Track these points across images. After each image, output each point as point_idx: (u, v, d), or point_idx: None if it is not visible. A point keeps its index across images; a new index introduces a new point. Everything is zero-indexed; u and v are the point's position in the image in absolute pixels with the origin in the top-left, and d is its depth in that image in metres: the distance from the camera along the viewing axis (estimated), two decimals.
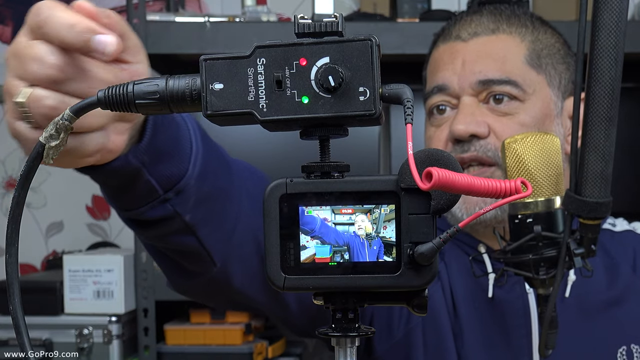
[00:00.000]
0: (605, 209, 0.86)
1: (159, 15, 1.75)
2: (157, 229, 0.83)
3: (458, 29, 1.20)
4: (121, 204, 0.80)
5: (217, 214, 0.87)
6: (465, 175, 0.53)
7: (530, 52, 1.17)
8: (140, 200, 0.78)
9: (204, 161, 0.81)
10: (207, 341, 1.81)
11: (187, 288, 0.99)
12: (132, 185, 0.76)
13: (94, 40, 0.59)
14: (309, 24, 0.56)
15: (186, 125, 0.80)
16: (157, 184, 0.77)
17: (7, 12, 2.30)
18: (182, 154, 0.79)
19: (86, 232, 2.27)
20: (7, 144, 2.30)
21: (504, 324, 1.13)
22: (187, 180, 0.79)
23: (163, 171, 0.77)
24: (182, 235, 0.84)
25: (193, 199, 0.81)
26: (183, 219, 0.82)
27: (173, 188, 0.78)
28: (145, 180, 0.76)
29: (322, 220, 0.57)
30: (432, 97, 1.19)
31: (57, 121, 0.57)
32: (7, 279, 0.57)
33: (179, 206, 0.80)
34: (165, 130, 0.76)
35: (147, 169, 0.75)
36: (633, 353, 1.11)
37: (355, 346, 0.61)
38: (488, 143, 1.13)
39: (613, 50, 0.82)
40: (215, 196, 0.85)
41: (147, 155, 0.74)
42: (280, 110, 0.56)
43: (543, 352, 0.96)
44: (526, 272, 0.93)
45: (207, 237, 0.86)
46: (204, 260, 0.89)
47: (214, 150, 0.85)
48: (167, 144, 0.77)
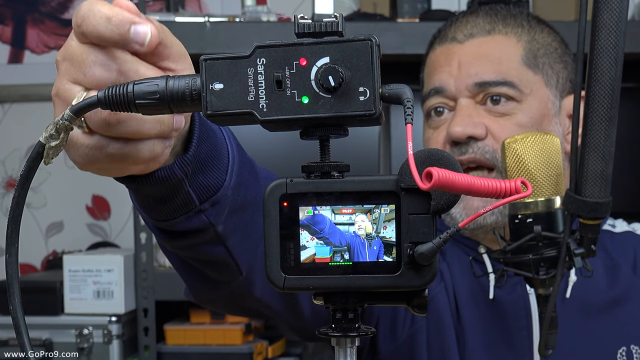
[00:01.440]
0: (605, 209, 0.86)
1: (159, 15, 1.75)
2: (188, 239, 0.81)
3: (454, 31, 1.20)
4: (156, 214, 0.77)
5: (246, 224, 0.85)
6: (465, 175, 0.53)
7: (527, 52, 1.16)
8: (175, 211, 0.76)
9: (239, 171, 0.80)
10: (207, 341, 1.81)
11: (211, 298, 0.98)
12: (171, 196, 0.74)
13: (131, 31, 0.57)
14: (309, 24, 0.56)
15: (222, 134, 0.78)
16: (194, 195, 0.75)
17: (7, 12, 2.30)
18: (221, 165, 0.77)
19: (86, 232, 2.27)
20: (7, 144, 2.30)
21: (505, 325, 1.13)
22: (224, 191, 0.77)
23: (202, 182, 0.75)
24: (212, 245, 0.83)
25: (227, 210, 0.79)
26: (216, 230, 0.80)
27: (210, 199, 0.76)
28: (185, 192, 0.74)
29: (330, 221, 0.57)
30: (429, 99, 1.19)
31: (57, 121, 0.57)
32: (7, 279, 0.57)
33: (213, 217, 0.78)
34: (207, 140, 0.74)
35: (189, 180, 0.73)
36: (633, 354, 1.11)
37: (355, 346, 0.61)
38: (486, 145, 1.13)
39: (613, 50, 0.82)
40: (246, 206, 0.83)
41: (190, 167, 0.72)
42: (280, 110, 0.56)
43: (543, 352, 0.96)
44: (526, 272, 0.93)
45: (235, 246, 0.85)
46: (231, 269, 0.88)
47: (247, 159, 0.83)
48: (209, 155, 0.75)
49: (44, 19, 2.28)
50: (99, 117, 0.58)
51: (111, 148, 0.60)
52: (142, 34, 0.58)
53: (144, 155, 0.62)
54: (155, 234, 0.82)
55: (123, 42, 0.58)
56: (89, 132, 0.60)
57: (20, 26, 2.29)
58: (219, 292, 0.94)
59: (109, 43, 0.58)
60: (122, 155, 0.61)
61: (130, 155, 0.62)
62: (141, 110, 0.58)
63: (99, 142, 0.60)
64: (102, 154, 0.61)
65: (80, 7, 0.59)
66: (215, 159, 0.76)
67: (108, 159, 0.61)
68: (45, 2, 2.28)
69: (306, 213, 0.58)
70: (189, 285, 0.96)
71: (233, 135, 0.81)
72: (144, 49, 0.58)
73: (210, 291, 0.94)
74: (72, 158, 0.62)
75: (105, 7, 0.58)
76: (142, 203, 0.76)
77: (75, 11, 0.59)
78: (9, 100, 2.29)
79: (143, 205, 0.76)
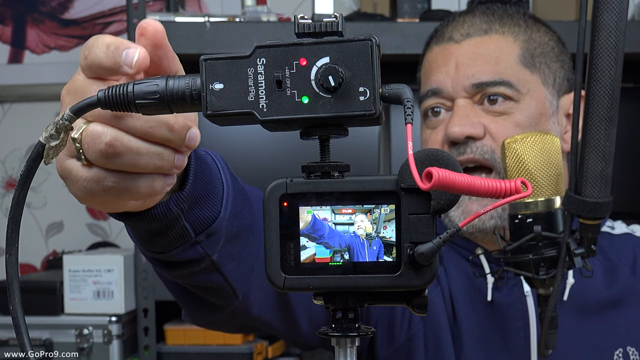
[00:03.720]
0: (606, 209, 0.86)
1: (159, 15, 1.75)
2: (184, 269, 0.82)
3: (451, 30, 1.20)
4: (152, 247, 0.78)
5: (241, 250, 0.86)
6: (465, 175, 0.53)
7: (524, 52, 1.16)
8: (171, 244, 0.77)
9: (234, 202, 0.80)
10: (207, 341, 1.81)
11: (209, 320, 0.99)
12: (166, 230, 0.75)
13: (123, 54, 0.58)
14: (309, 24, 0.56)
15: (216, 166, 0.79)
16: (190, 228, 0.76)
17: (7, 12, 2.30)
18: (216, 197, 0.78)
19: (86, 232, 2.27)
20: (7, 144, 2.30)
21: (502, 326, 1.13)
22: (219, 222, 0.78)
23: (197, 215, 0.76)
24: (208, 273, 0.84)
25: (223, 240, 0.80)
26: (211, 259, 0.81)
27: (205, 230, 0.77)
28: (181, 226, 0.75)
29: (329, 226, 0.57)
30: (426, 100, 1.19)
31: (58, 121, 0.57)
32: (7, 279, 0.57)
33: (208, 247, 0.79)
34: (202, 175, 0.75)
35: (185, 215, 0.74)
36: (629, 355, 1.11)
37: (355, 346, 0.61)
38: (484, 145, 1.13)
39: (613, 50, 0.82)
40: (241, 234, 0.84)
41: (187, 203, 0.73)
42: (280, 110, 0.55)
43: (543, 352, 0.96)
44: (526, 272, 0.93)
45: (231, 273, 0.86)
46: (228, 294, 0.89)
47: (240, 188, 0.84)
48: (204, 189, 0.76)
49: (44, 19, 2.28)
50: (97, 148, 0.58)
51: (109, 181, 0.60)
52: (130, 56, 0.58)
53: (142, 190, 0.62)
54: (152, 264, 0.83)
55: (117, 66, 0.58)
56: (88, 164, 0.60)
57: (20, 26, 2.29)
58: (218, 315, 0.95)
59: (107, 70, 0.59)
60: (120, 189, 0.61)
61: (128, 189, 0.61)
62: (141, 110, 0.57)
63: (97, 175, 0.60)
64: (100, 187, 0.61)
65: (88, 40, 0.60)
66: (210, 192, 0.77)
67: (106, 193, 0.61)
68: (45, 2, 2.28)
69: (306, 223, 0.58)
70: (187, 310, 0.97)
71: (226, 164, 0.82)
72: (132, 70, 0.58)
73: (209, 315, 0.95)
74: (71, 191, 0.62)
75: (108, 38, 0.59)
76: (138, 236, 0.77)
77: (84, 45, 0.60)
78: (9, 100, 2.29)
79: (139, 238, 0.77)
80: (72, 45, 2.28)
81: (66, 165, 0.61)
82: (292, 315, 1.02)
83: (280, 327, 1.04)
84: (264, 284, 0.94)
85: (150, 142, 0.60)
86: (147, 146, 0.60)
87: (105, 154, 0.58)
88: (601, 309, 1.14)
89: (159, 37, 0.59)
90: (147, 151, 0.60)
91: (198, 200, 0.75)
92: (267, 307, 0.98)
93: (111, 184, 0.60)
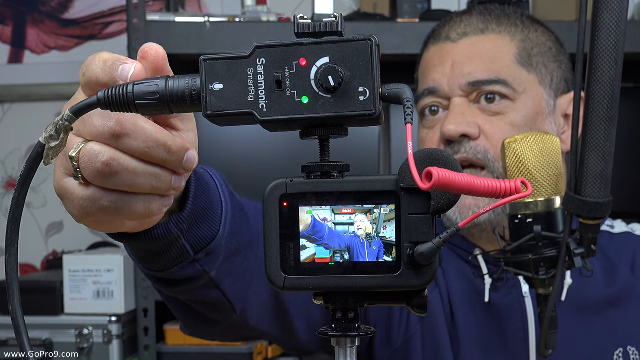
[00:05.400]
0: (606, 209, 0.86)
1: (159, 15, 1.75)
2: (182, 286, 0.82)
3: (448, 30, 1.20)
4: (151, 265, 0.78)
5: (239, 266, 0.87)
6: (465, 175, 0.53)
7: (521, 51, 1.16)
8: (170, 262, 0.78)
9: (232, 220, 0.81)
10: (207, 341, 1.81)
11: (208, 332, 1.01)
12: (166, 250, 0.75)
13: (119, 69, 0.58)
14: (308, 24, 0.56)
15: (215, 184, 0.80)
16: (189, 247, 0.76)
17: (7, 12, 2.30)
18: (215, 216, 0.78)
19: (86, 232, 2.27)
20: (7, 144, 2.30)
21: (501, 328, 1.13)
22: (218, 241, 0.79)
23: (196, 234, 0.77)
24: (206, 289, 0.85)
25: (222, 257, 0.81)
26: (210, 276, 0.82)
27: (204, 249, 0.78)
28: (180, 245, 0.75)
29: (329, 226, 0.57)
30: (423, 99, 1.19)
31: (57, 122, 0.57)
32: (7, 279, 0.57)
33: (207, 265, 0.80)
34: (201, 196, 0.75)
35: (184, 235, 0.75)
36: (629, 355, 1.11)
37: (355, 346, 0.61)
38: (478, 145, 1.13)
39: (613, 50, 0.82)
40: (240, 250, 0.85)
41: (186, 224, 0.74)
42: (280, 110, 0.55)
43: (543, 352, 0.96)
44: (526, 272, 0.93)
45: (229, 288, 0.87)
46: (226, 309, 0.90)
47: (237, 204, 0.84)
48: (203, 209, 0.76)
49: (44, 19, 2.28)
50: (94, 167, 0.59)
51: (105, 200, 0.60)
52: (126, 71, 0.58)
53: (139, 211, 0.62)
54: (152, 281, 0.84)
55: (113, 81, 0.58)
56: (85, 183, 0.60)
57: (20, 26, 2.29)
58: (216, 328, 0.96)
59: (104, 86, 0.59)
60: (116, 209, 0.61)
61: (124, 209, 0.61)
62: (141, 110, 0.57)
63: (94, 195, 0.60)
64: (96, 207, 0.61)
65: (87, 58, 0.60)
66: (209, 211, 0.77)
67: (102, 212, 0.61)
68: (45, 2, 2.28)
69: (306, 225, 0.58)
70: (185, 324, 0.98)
71: (224, 181, 0.83)
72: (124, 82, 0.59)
73: (207, 328, 0.97)
74: (68, 210, 0.63)
75: (106, 54, 0.60)
76: (137, 255, 0.77)
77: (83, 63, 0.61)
78: (9, 100, 2.29)
79: (138, 257, 0.77)
80: (72, 45, 2.28)
81: (63, 183, 0.61)
82: (290, 323, 1.03)
83: (278, 336, 1.06)
84: (261, 296, 0.95)
85: (148, 162, 0.60)
86: (144, 167, 0.60)
87: (102, 174, 0.58)
88: (601, 308, 1.13)
89: (160, 62, 0.60)
90: (144, 171, 0.60)
91: (197, 219, 0.76)
92: (264, 318, 0.99)
93: (108, 203, 0.61)
